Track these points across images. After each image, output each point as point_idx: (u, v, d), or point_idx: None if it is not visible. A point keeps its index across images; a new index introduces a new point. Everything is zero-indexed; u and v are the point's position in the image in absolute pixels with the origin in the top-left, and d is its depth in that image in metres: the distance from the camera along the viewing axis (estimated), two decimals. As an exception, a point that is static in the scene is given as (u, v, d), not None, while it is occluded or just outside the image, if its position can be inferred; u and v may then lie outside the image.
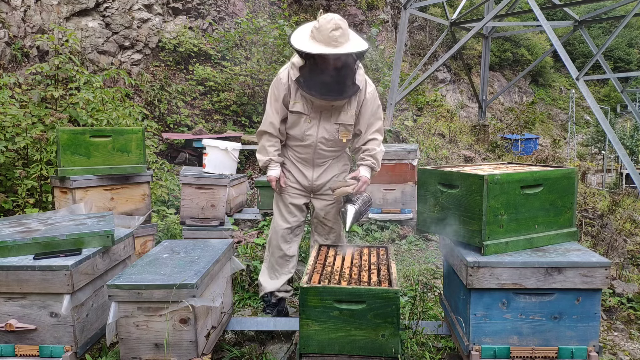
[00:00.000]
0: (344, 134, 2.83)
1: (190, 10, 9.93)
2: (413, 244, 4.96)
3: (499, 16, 10.90)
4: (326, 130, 2.81)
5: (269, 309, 3.05)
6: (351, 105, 2.77)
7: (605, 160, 28.00)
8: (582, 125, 38.12)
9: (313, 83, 2.63)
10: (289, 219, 3.01)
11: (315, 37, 2.53)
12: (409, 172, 5.31)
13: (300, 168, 2.97)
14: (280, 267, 3.07)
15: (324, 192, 3.02)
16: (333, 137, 2.83)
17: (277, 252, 3.03)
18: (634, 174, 6.89)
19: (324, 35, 2.49)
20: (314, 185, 2.99)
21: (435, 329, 2.63)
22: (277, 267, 3.07)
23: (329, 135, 2.82)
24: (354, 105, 2.78)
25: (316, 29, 2.53)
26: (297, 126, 2.82)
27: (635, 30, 43.02)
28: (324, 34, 2.49)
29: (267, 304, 3.08)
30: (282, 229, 3.01)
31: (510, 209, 2.16)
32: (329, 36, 2.48)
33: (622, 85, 11.55)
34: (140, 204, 3.71)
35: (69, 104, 5.29)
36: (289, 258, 3.07)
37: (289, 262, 3.07)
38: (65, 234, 2.30)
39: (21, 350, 2.15)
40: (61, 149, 3.35)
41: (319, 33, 2.51)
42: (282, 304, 3.11)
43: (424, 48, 22.46)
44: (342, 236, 3.15)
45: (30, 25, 6.96)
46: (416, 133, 9.89)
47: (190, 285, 2.04)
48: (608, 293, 3.64)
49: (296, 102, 2.76)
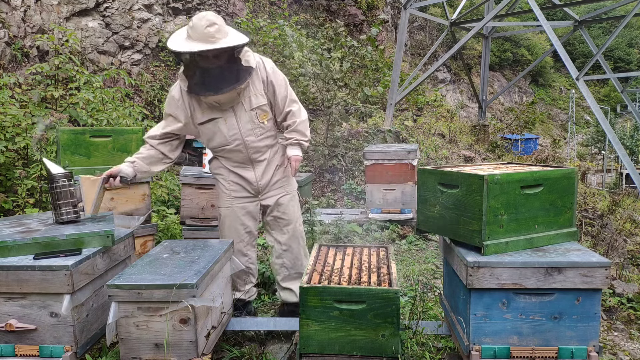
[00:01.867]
0: (262, 116, 2.72)
1: (190, 10, 9.92)
2: (413, 244, 4.96)
3: (499, 16, 10.90)
4: (246, 121, 2.69)
5: (237, 312, 2.98)
6: (256, 86, 2.67)
7: (605, 160, 28.00)
8: (582, 125, 38.12)
9: (205, 83, 2.51)
10: (240, 232, 2.90)
11: (192, 37, 2.45)
12: (409, 172, 5.31)
13: (240, 173, 2.82)
14: (243, 281, 3.01)
15: (271, 188, 2.89)
16: (255, 123, 2.71)
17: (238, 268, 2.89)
18: (634, 174, 6.89)
19: (199, 33, 2.41)
20: (260, 185, 2.85)
21: (435, 329, 2.63)
22: (239, 281, 3.00)
23: (251, 125, 2.70)
24: (259, 85, 2.68)
25: (191, 28, 2.45)
26: (218, 133, 2.70)
27: (635, 30, 43.03)
28: (199, 31, 2.41)
29: (234, 308, 2.99)
30: (238, 244, 2.89)
31: (510, 209, 2.16)
32: (204, 33, 2.41)
33: (622, 85, 11.56)
34: (140, 204, 3.71)
35: (69, 104, 5.29)
36: (251, 269, 3.02)
37: (250, 273, 3.03)
38: (65, 234, 2.30)
39: (21, 350, 2.15)
40: (61, 149, 3.35)
41: (194, 31, 2.43)
42: (249, 307, 3.09)
43: (424, 48, 22.47)
44: (297, 228, 3.02)
45: (30, 25, 6.96)
46: (416, 133, 9.89)
47: (190, 285, 2.04)
48: (608, 293, 3.64)
49: (203, 112, 2.65)
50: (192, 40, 2.44)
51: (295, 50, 8.33)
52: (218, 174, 2.90)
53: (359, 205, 6.58)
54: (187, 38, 2.48)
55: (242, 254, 2.93)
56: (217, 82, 2.50)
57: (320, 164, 7.57)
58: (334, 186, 7.30)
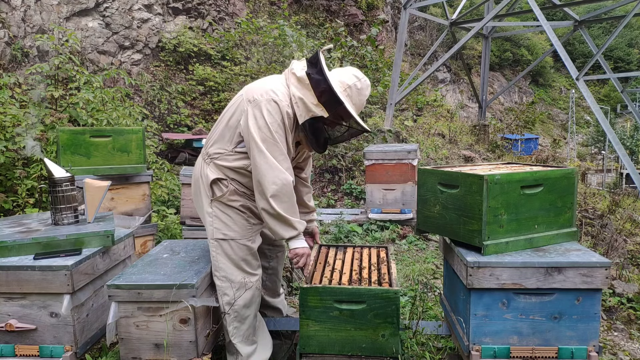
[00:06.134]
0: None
1: (190, 10, 9.93)
2: (413, 244, 4.96)
3: (499, 16, 10.90)
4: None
5: None
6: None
7: (605, 160, 27.98)
8: (582, 125, 38.11)
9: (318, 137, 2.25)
10: (254, 265, 2.39)
11: (352, 98, 2.17)
12: (409, 172, 5.32)
13: (250, 204, 2.34)
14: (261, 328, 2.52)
15: None
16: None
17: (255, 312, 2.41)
18: (634, 174, 6.89)
19: (361, 100, 2.19)
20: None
21: (435, 329, 2.63)
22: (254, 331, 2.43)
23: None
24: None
25: (357, 89, 2.17)
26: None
27: (635, 30, 43.02)
28: (361, 99, 2.19)
29: None
30: (255, 281, 2.36)
31: (510, 209, 2.16)
32: (362, 103, 2.20)
33: (622, 85, 11.55)
34: (140, 204, 3.71)
35: (69, 104, 5.29)
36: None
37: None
38: (65, 234, 2.30)
39: (21, 350, 2.15)
40: (61, 149, 3.35)
41: (358, 96, 2.18)
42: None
43: (424, 48, 22.47)
44: (281, 255, 2.82)
45: (30, 25, 6.96)
46: (416, 133, 9.89)
47: (190, 286, 2.04)
48: (608, 293, 3.64)
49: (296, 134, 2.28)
50: (351, 103, 2.17)
51: (295, 50, 8.33)
52: (233, 203, 2.37)
53: (359, 205, 6.58)
54: (345, 94, 2.15)
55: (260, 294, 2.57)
56: (323, 142, 2.29)
57: (320, 164, 7.56)
58: (334, 186, 7.30)
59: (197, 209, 2.41)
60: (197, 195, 2.36)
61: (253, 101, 2.13)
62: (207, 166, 2.27)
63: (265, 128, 2.08)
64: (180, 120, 8.18)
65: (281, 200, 2.13)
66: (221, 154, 2.25)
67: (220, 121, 2.31)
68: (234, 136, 2.21)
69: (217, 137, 2.27)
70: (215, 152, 2.27)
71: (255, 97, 2.13)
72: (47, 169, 2.53)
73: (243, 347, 2.31)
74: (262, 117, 2.09)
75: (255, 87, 2.21)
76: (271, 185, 2.09)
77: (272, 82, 2.21)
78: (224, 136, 2.25)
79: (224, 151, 2.24)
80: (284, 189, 2.11)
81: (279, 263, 2.83)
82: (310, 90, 2.11)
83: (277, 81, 2.23)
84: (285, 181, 2.11)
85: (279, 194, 2.11)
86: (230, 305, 2.26)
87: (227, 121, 2.24)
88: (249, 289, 2.30)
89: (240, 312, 2.29)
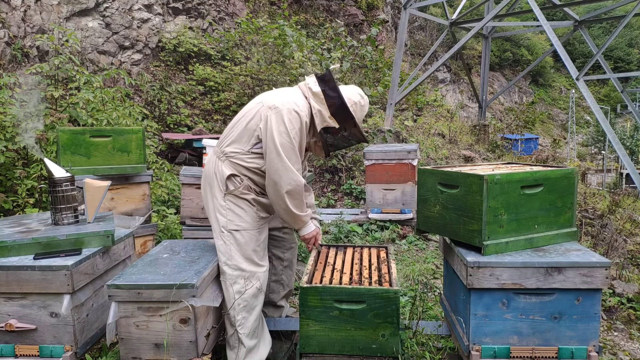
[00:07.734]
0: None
1: (190, 10, 9.93)
2: (413, 244, 4.96)
3: (499, 16, 10.90)
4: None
5: None
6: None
7: (605, 160, 27.98)
8: (582, 125, 38.10)
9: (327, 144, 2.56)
10: (262, 256, 2.52)
11: (356, 113, 2.48)
12: (409, 172, 5.32)
13: (260, 199, 2.52)
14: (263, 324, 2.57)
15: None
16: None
17: (261, 306, 2.51)
18: (634, 174, 6.89)
19: (362, 115, 2.51)
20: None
21: (435, 329, 2.64)
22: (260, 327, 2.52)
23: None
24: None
25: (360, 106, 2.51)
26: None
27: (635, 30, 43.01)
28: (363, 114, 2.52)
29: None
30: (263, 273, 2.48)
31: (510, 209, 2.16)
32: (363, 117, 2.52)
33: (622, 85, 11.55)
34: (140, 204, 3.71)
35: (69, 104, 5.29)
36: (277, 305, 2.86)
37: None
38: (65, 234, 2.30)
39: (21, 350, 2.15)
40: (61, 149, 3.35)
41: (361, 111, 2.51)
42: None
43: (424, 48, 22.47)
44: (295, 247, 2.93)
45: (30, 25, 6.96)
46: (416, 133, 9.89)
47: (190, 285, 2.04)
48: (608, 293, 3.64)
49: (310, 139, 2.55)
50: (357, 118, 2.48)
51: (295, 50, 8.33)
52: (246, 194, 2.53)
53: (359, 205, 6.59)
54: (353, 111, 2.46)
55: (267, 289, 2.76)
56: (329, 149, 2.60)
57: (320, 164, 7.57)
58: (334, 186, 7.30)
59: (205, 205, 2.56)
60: (209, 191, 2.51)
61: (274, 108, 2.35)
62: (222, 163, 2.46)
63: (286, 134, 2.33)
64: (180, 120, 8.18)
65: (294, 198, 2.40)
66: (237, 153, 2.44)
67: (237, 124, 2.50)
68: (252, 138, 2.42)
69: (235, 138, 2.47)
70: (232, 151, 2.46)
71: (277, 105, 2.36)
72: (47, 169, 2.53)
73: (247, 339, 2.39)
74: (284, 124, 2.33)
75: (276, 97, 2.44)
76: (286, 185, 2.34)
77: (292, 94, 2.47)
78: (241, 137, 2.45)
79: (240, 151, 2.44)
80: (297, 189, 2.38)
81: (293, 255, 2.93)
82: (324, 104, 2.42)
83: (296, 93, 2.49)
84: (299, 182, 2.37)
85: (293, 193, 2.38)
86: (241, 294, 2.38)
87: (246, 124, 2.44)
88: (258, 279, 2.46)
89: (250, 302, 2.41)
